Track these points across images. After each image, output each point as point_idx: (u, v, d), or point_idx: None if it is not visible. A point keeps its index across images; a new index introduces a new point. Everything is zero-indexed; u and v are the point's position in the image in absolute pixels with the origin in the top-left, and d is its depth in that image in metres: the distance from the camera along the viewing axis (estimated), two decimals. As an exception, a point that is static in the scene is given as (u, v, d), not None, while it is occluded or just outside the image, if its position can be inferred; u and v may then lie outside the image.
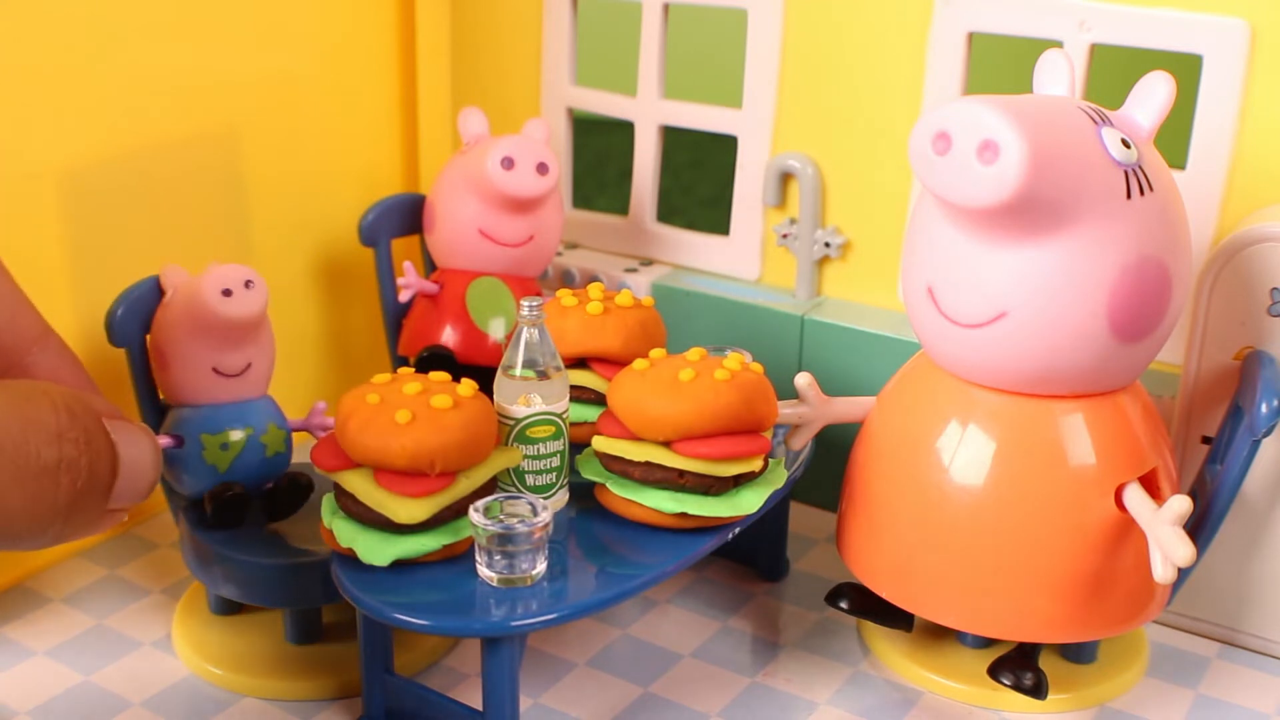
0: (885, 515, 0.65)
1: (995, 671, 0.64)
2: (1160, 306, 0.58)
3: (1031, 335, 0.58)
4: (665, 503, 0.63)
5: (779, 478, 0.67)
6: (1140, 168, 0.58)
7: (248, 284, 0.66)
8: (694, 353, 0.66)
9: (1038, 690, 0.63)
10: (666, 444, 0.63)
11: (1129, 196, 0.57)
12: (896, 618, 0.67)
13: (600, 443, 0.65)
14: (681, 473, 0.63)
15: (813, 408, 0.69)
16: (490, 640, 0.58)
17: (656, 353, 0.66)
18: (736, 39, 0.85)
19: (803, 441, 0.70)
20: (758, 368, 0.66)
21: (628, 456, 0.64)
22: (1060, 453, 0.61)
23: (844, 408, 0.70)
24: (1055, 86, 0.62)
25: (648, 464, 0.63)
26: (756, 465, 0.64)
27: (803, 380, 0.69)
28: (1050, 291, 0.57)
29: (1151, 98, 0.60)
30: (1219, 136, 0.69)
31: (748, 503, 0.64)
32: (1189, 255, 0.60)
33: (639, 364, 0.65)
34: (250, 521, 0.68)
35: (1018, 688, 0.63)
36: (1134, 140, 0.58)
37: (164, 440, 0.68)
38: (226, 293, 0.66)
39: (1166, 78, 0.60)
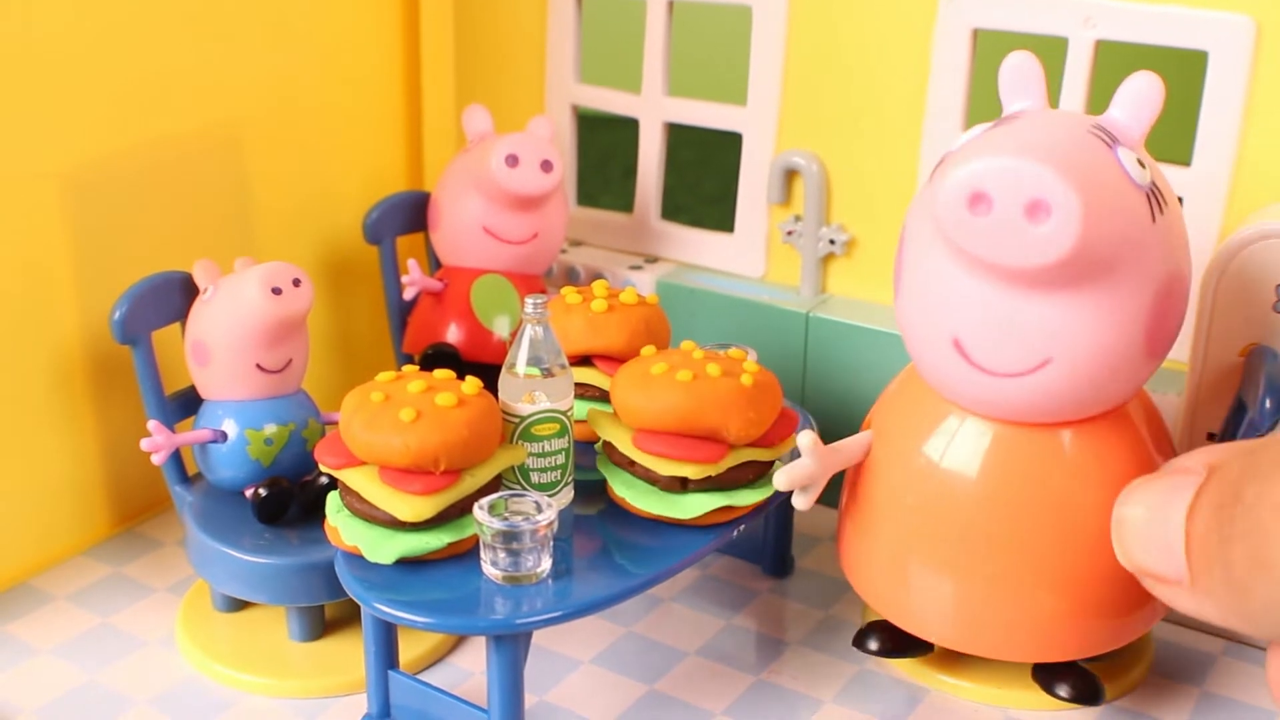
0: (886, 540, 0.63)
1: (1049, 684, 0.64)
2: (1182, 316, 0.57)
3: (1074, 376, 0.56)
4: (619, 485, 0.65)
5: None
6: (1155, 185, 0.55)
7: (296, 282, 0.68)
8: (688, 345, 0.67)
9: (1095, 696, 0.63)
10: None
11: (1154, 220, 0.54)
12: (922, 646, 0.67)
13: (594, 413, 0.67)
14: (632, 462, 0.65)
15: (819, 466, 0.63)
16: (495, 638, 0.58)
17: (687, 344, 0.67)
18: (741, 36, 0.85)
19: (810, 501, 0.63)
20: (753, 368, 0.65)
21: (604, 434, 0.66)
22: (1069, 469, 0.59)
23: (847, 454, 0.65)
24: (1027, 95, 0.59)
25: (609, 444, 0.66)
26: (699, 472, 0.63)
27: (806, 440, 0.62)
28: (1095, 332, 0.54)
29: (1141, 101, 0.57)
30: (1224, 133, 0.69)
31: (688, 507, 0.64)
32: (1189, 254, 0.59)
33: (646, 351, 0.67)
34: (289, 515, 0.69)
35: (1078, 699, 0.63)
36: (1141, 154, 0.56)
37: (205, 434, 0.69)
38: (276, 291, 0.67)
39: (1152, 77, 0.57)
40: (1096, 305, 0.54)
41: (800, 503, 0.63)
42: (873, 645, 0.67)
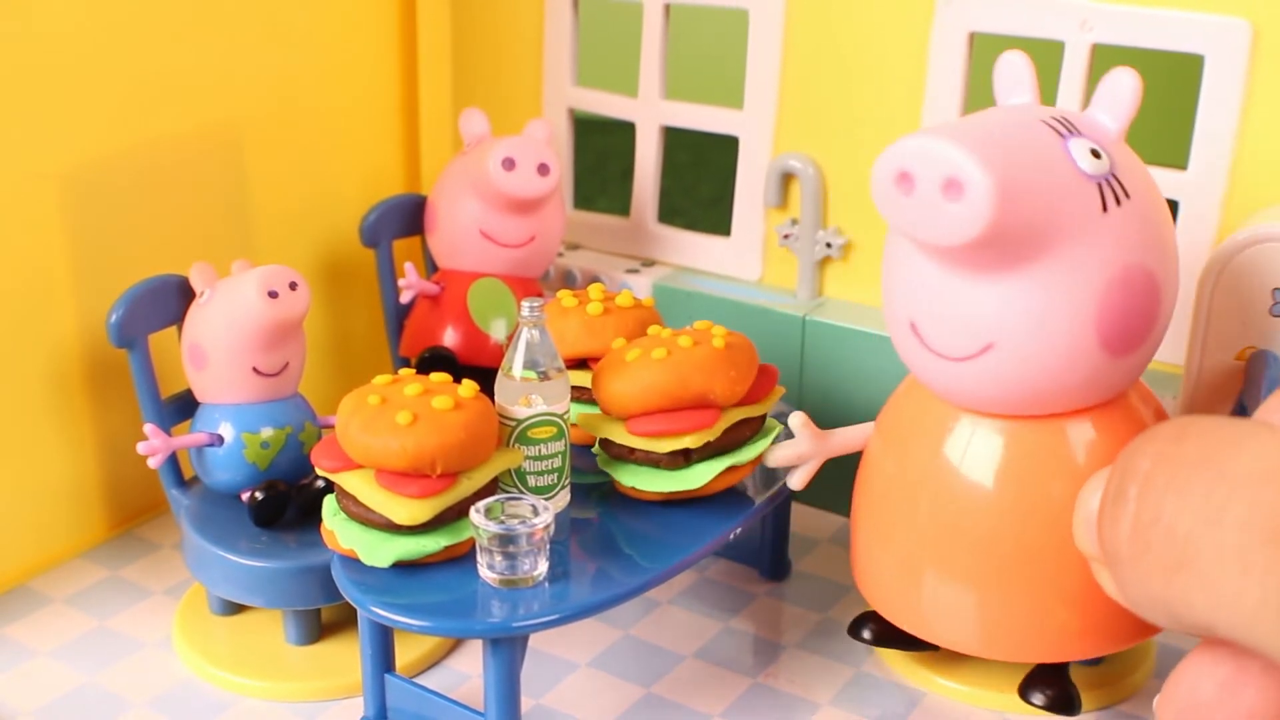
0: (896, 547, 0.63)
1: (1025, 691, 0.64)
2: (1150, 314, 0.57)
3: (1021, 363, 0.56)
4: (624, 476, 0.66)
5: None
6: (1113, 176, 0.55)
7: (292, 285, 0.68)
8: (654, 330, 0.68)
9: (1070, 706, 0.62)
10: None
11: (1105, 209, 0.55)
12: (920, 642, 0.66)
13: (584, 418, 0.68)
14: (632, 449, 0.66)
15: (810, 446, 0.67)
16: (492, 641, 0.58)
17: (654, 329, 0.68)
18: (738, 39, 0.85)
19: (804, 480, 0.68)
20: (721, 332, 0.66)
21: (599, 432, 0.67)
22: (1069, 466, 0.59)
23: (843, 439, 0.67)
24: (1017, 91, 0.60)
25: (606, 440, 0.67)
26: (698, 440, 0.64)
27: (796, 420, 0.66)
28: (1036, 318, 0.55)
29: (1117, 97, 0.58)
30: (1220, 136, 0.69)
31: (695, 477, 0.65)
32: (1174, 256, 0.59)
33: (616, 343, 0.68)
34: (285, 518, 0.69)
35: (1050, 707, 0.63)
36: (1104, 146, 0.56)
37: (201, 438, 0.69)
38: (273, 294, 0.67)
39: (1131, 74, 0.57)
40: (1035, 289, 0.55)
41: (794, 482, 0.67)
42: (867, 635, 0.67)
